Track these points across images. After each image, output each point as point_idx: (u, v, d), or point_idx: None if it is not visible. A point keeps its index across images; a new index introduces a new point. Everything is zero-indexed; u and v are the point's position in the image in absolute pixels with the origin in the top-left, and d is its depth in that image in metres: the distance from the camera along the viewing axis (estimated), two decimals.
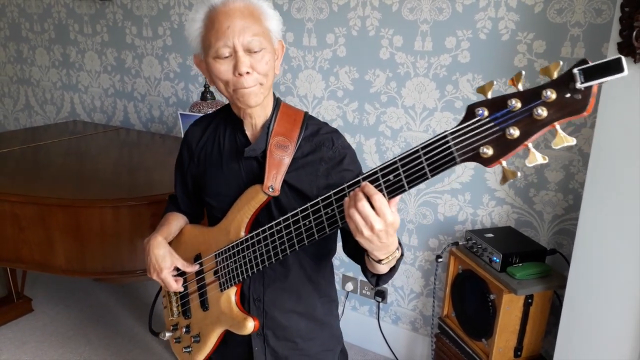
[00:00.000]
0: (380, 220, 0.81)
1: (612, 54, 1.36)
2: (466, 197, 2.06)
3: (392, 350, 2.39)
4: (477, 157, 0.72)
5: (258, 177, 1.09)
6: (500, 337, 1.74)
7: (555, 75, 0.65)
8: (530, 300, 1.72)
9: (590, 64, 0.61)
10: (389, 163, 0.81)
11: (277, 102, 1.14)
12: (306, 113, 1.16)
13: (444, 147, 0.74)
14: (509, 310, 1.71)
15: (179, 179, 1.30)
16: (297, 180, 1.09)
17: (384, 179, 0.81)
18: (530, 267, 1.72)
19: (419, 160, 0.77)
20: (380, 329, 2.40)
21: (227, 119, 1.17)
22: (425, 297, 2.28)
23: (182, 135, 2.31)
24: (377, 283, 1.04)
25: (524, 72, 0.69)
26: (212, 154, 1.19)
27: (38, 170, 2.18)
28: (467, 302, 1.91)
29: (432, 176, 0.77)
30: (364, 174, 0.85)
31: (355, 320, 2.47)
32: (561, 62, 0.65)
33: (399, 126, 2.14)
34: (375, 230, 0.81)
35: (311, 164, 1.10)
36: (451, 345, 1.98)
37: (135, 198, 1.80)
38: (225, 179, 1.15)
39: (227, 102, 1.12)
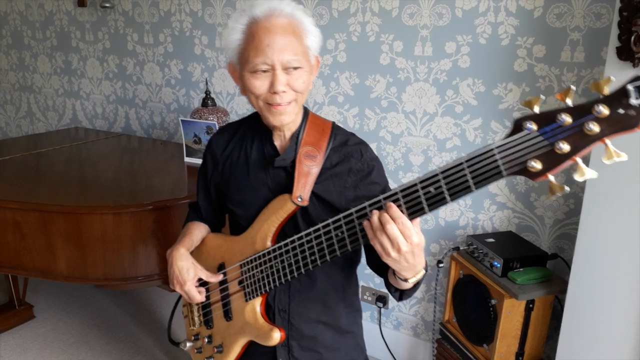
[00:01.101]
0: (407, 243, 0.82)
1: (611, 58, 1.37)
2: (467, 201, 2.06)
3: (393, 356, 2.38)
4: (524, 171, 0.72)
5: (285, 187, 1.08)
6: (502, 343, 1.74)
7: (606, 90, 0.65)
8: (531, 305, 1.72)
9: None
10: (429, 175, 0.80)
11: (305, 112, 1.13)
12: (334, 123, 1.15)
13: (490, 159, 0.74)
14: (510, 315, 1.71)
15: (202, 187, 1.29)
16: (325, 191, 1.08)
17: (424, 191, 0.81)
18: (532, 271, 1.71)
19: (462, 173, 0.77)
20: (382, 335, 2.39)
21: (254, 128, 1.16)
22: (426, 303, 2.28)
23: (184, 142, 2.32)
24: (400, 298, 1.03)
25: (573, 87, 0.69)
26: (238, 163, 1.17)
27: (39, 177, 2.19)
28: (468, 307, 1.90)
29: (476, 189, 0.77)
30: (402, 185, 0.84)
31: None
32: (613, 78, 0.65)
33: (400, 131, 2.14)
34: (402, 252, 0.83)
35: (340, 175, 1.09)
36: (452, 350, 1.97)
37: (136, 204, 1.80)
38: (251, 188, 1.14)
39: (229, 108, 1.12)
